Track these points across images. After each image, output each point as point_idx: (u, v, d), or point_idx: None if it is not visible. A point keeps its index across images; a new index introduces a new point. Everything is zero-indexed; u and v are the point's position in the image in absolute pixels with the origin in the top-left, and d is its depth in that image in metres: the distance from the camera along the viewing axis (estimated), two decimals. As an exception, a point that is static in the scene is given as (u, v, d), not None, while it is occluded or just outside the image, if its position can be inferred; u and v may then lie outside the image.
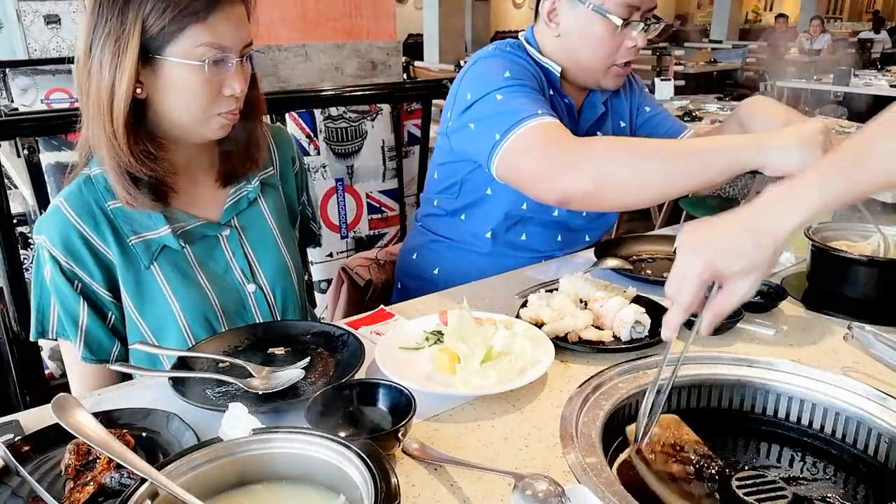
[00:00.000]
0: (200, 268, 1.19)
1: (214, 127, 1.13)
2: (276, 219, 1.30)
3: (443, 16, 12.38)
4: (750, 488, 0.83)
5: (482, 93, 1.38)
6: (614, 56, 1.42)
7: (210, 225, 1.21)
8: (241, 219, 1.25)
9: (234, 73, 1.09)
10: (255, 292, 1.24)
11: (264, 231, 1.28)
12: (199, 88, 1.07)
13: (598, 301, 1.15)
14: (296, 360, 1.05)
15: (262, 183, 1.29)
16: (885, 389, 0.96)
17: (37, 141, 1.42)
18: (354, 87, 2.23)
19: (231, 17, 1.06)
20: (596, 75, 1.46)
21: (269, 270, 1.27)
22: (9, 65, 3.46)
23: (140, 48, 1.03)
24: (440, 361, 1.00)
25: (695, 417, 1.03)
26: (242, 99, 1.14)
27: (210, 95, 1.08)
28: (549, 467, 0.81)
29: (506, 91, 1.35)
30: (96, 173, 1.13)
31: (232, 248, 1.23)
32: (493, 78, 1.38)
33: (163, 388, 0.97)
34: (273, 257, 1.28)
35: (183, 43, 1.04)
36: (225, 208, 1.23)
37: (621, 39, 1.40)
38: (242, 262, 1.24)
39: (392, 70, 3.64)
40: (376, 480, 0.63)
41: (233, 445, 0.69)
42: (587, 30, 1.40)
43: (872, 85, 6.09)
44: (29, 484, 0.76)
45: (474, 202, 1.55)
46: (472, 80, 1.44)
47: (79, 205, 1.12)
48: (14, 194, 2.60)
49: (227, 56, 1.07)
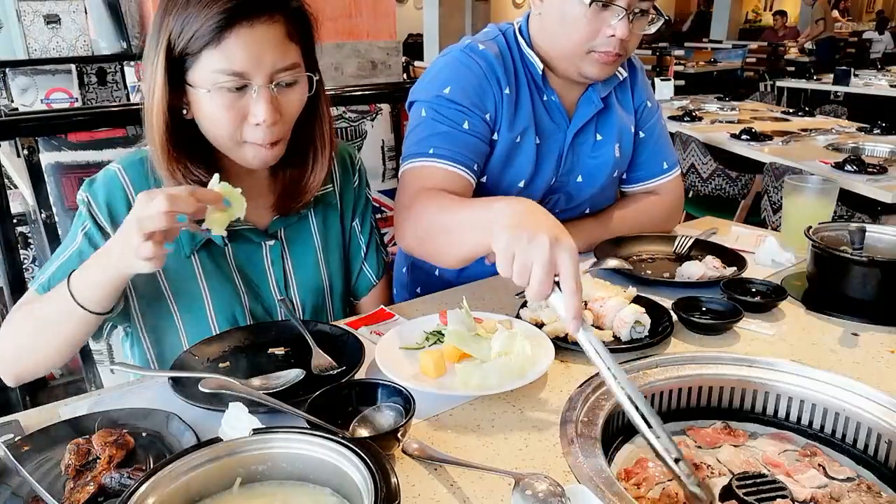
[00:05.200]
0: (238, 269, 1.20)
1: (249, 155, 1.08)
2: (322, 236, 1.29)
3: (443, 16, 12.37)
4: (750, 488, 0.83)
5: (419, 97, 1.42)
6: (591, 42, 1.35)
7: (256, 232, 1.21)
8: (288, 231, 1.25)
9: (257, 101, 1.02)
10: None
11: (307, 247, 1.27)
12: (220, 115, 1.03)
13: (598, 301, 1.15)
14: (296, 360, 1.06)
15: (316, 199, 1.26)
16: (885, 389, 0.96)
17: (37, 141, 1.41)
18: (354, 86, 2.23)
19: (250, 40, 0.99)
20: (574, 60, 1.39)
21: (303, 287, 1.26)
22: (9, 65, 3.45)
23: (173, 70, 1.02)
24: (426, 366, 0.99)
25: (695, 417, 1.03)
26: (280, 128, 1.06)
27: (234, 122, 1.03)
28: (549, 467, 0.81)
29: (430, 111, 1.38)
30: None
31: (272, 259, 1.23)
32: (433, 87, 1.40)
33: (163, 388, 0.97)
34: (310, 274, 1.27)
35: (202, 70, 1.01)
36: (274, 219, 1.22)
37: (599, 25, 1.33)
38: (279, 274, 1.24)
39: (392, 70, 3.65)
40: (376, 480, 0.63)
41: (233, 445, 0.69)
42: (563, 10, 1.36)
43: (872, 85, 6.09)
44: (29, 484, 0.76)
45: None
46: (425, 75, 1.46)
47: (136, 177, 1.12)
48: (14, 194, 2.60)
49: (246, 83, 1.01)
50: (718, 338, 1.12)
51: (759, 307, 1.21)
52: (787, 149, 3.43)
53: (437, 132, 1.36)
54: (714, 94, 5.71)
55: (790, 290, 1.27)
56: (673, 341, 1.11)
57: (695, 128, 4.07)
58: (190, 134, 1.08)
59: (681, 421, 1.03)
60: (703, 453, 0.95)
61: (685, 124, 4.11)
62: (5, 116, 1.53)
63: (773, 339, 1.12)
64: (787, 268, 1.43)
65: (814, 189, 1.55)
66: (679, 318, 1.15)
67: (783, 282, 1.32)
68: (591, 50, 1.36)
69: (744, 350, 1.08)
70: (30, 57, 3.76)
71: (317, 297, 1.28)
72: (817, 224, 1.36)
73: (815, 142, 3.60)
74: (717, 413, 1.04)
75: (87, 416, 0.89)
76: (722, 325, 1.13)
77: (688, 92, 6.36)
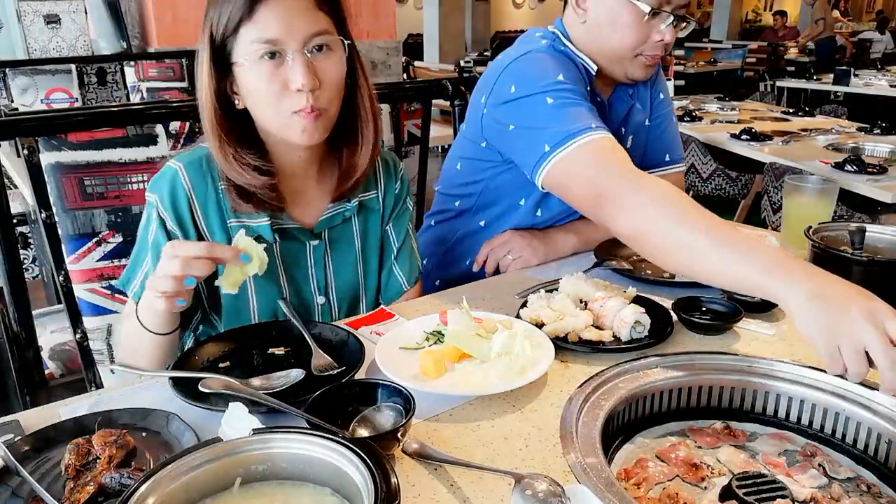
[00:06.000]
0: (283, 266, 1.23)
1: (297, 130, 1.10)
2: (363, 241, 1.31)
3: (443, 16, 12.39)
4: (750, 488, 0.83)
5: (530, 90, 1.33)
6: (642, 46, 1.40)
7: (303, 231, 1.24)
8: (333, 233, 1.27)
9: (293, 67, 1.06)
10: (323, 305, 1.28)
11: (349, 250, 1.30)
12: (264, 87, 1.07)
13: (598, 301, 1.15)
14: (296, 360, 1.06)
15: (360, 203, 1.29)
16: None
17: (37, 141, 1.41)
18: (354, 86, 2.22)
19: (279, 9, 1.05)
20: (623, 64, 1.44)
21: (341, 289, 1.30)
22: (9, 65, 3.45)
23: (219, 58, 1.08)
24: (426, 366, 0.98)
25: (695, 417, 1.03)
26: (322, 96, 1.09)
27: (276, 93, 1.07)
28: (549, 467, 0.81)
29: (557, 96, 1.31)
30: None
31: (315, 259, 1.26)
32: (544, 77, 1.34)
33: (163, 388, 0.97)
34: (348, 277, 1.30)
35: (241, 45, 1.07)
36: (320, 219, 1.24)
37: (649, 30, 1.38)
38: (320, 275, 1.27)
39: (392, 70, 3.65)
40: (376, 480, 0.63)
41: (233, 445, 0.69)
42: (615, 16, 1.38)
43: (872, 85, 6.09)
44: (29, 484, 0.76)
45: (498, 209, 1.54)
46: (518, 72, 1.39)
47: (196, 175, 1.16)
48: (14, 194, 2.60)
49: (280, 50, 1.05)
50: (718, 338, 1.12)
51: (759, 307, 1.21)
52: (787, 149, 3.43)
53: (585, 110, 1.30)
54: (714, 94, 5.71)
55: (790, 290, 1.26)
56: (673, 341, 1.11)
57: (695, 128, 4.07)
58: (242, 125, 1.14)
59: (681, 421, 1.02)
60: (703, 453, 0.95)
61: (685, 124, 4.11)
62: (5, 116, 1.53)
63: (773, 339, 1.12)
64: (787, 268, 1.43)
65: (814, 189, 1.55)
66: (679, 318, 1.15)
67: (783, 282, 1.31)
68: (639, 53, 1.41)
69: (744, 350, 1.08)
70: (30, 57, 3.76)
71: (352, 300, 1.32)
72: (817, 224, 1.36)
73: (815, 142, 3.60)
74: (717, 413, 1.04)
75: (87, 416, 0.89)
76: (722, 325, 1.13)
77: (688, 92, 6.37)
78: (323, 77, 1.08)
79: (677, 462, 0.92)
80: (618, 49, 1.41)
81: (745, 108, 4.82)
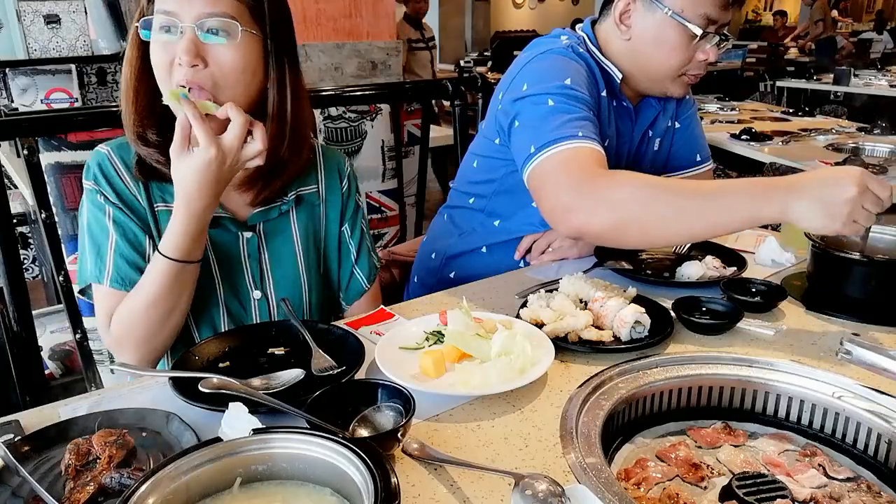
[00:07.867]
0: (215, 256, 1.20)
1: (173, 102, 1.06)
2: (303, 235, 1.28)
3: (443, 16, 12.38)
4: (750, 488, 0.83)
5: (537, 90, 1.35)
6: (686, 66, 1.41)
7: (234, 221, 1.21)
8: (268, 226, 1.25)
9: (179, 40, 1.04)
10: (260, 300, 1.25)
11: (286, 244, 1.27)
12: (157, 59, 1.07)
13: (598, 301, 1.15)
14: (296, 360, 1.06)
15: (298, 197, 1.27)
16: (884, 389, 0.96)
17: (37, 141, 1.42)
18: (354, 87, 2.23)
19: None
20: (664, 83, 1.44)
21: (279, 283, 1.26)
22: (9, 65, 3.45)
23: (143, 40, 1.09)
24: (426, 366, 0.99)
25: (695, 417, 1.03)
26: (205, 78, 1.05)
27: (166, 67, 1.06)
28: (549, 467, 0.81)
29: (559, 99, 1.32)
30: None
31: (249, 252, 1.23)
32: (553, 79, 1.35)
33: (163, 388, 0.97)
34: (287, 272, 1.27)
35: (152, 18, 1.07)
36: (254, 212, 1.22)
37: (694, 51, 1.38)
38: (255, 269, 1.24)
39: (392, 70, 3.65)
40: (376, 480, 0.63)
41: (233, 445, 0.69)
42: (662, 36, 1.37)
43: (872, 85, 6.09)
44: (29, 484, 0.76)
45: (511, 207, 1.53)
46: (533, 71, 1.41)
47: (124, 154, 1.17)
48: (14, 194, 2.60)
49: (174, 24, 1.04)
50: (718, 338, 1.12)
51: (759, 307, 1.21)
52: (787, 149, 3.43)
53: (580, 118, 1.31)
54: (714, 94, 5.70)
55: (790, 290, 1.27)
56: (673, 341, 1.11)
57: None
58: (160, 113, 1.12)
59: (681, 421, 1.03)
60: (703, 453, 0.95)
61: (685, 124, 4.11)
62: (5, 116, 1.53)
63: (773, 339, 1.12)
64: (787, 268, 1.43)
65: (814, 189, 1.55)
66: (679, 318, 1.15)
67: (783, 282, 1.32)
68: (683, 73, 1.42)
69: (744, 350, 1.08)
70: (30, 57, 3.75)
71: (293, 295, 1.28)
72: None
73: (815, 142, 3.60)
74: (717, 413, 1.04)
75: (87, 416, 0.89)
76: (722, 325, 1.13)
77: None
78: (212, 60, 1.05)
79: (677, 462, 0.92)
80: (663, 69, 1.41)
81: (745, 108, 4.81)
